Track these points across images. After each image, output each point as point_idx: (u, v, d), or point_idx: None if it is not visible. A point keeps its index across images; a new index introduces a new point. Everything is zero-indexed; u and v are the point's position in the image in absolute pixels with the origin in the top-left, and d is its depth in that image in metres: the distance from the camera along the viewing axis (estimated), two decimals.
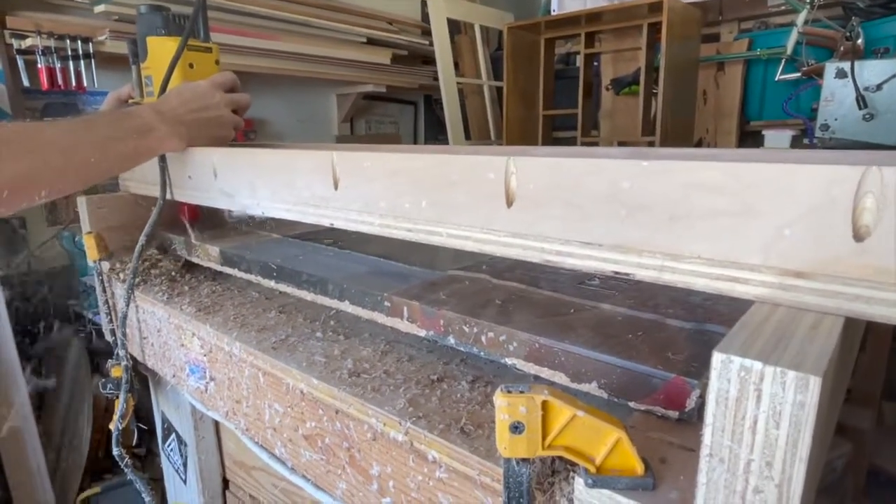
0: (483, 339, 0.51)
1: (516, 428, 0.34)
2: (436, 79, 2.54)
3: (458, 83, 2.57)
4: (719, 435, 0.28)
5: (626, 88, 2.40)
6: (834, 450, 1.23)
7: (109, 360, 0.88)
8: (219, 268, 0.81)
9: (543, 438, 0.34)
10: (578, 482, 0.35)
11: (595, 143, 2.47)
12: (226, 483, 0.95)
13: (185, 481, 0.97)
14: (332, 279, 0.65)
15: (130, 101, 0.88)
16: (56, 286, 1.72)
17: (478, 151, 0.51)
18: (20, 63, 1.58)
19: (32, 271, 1.71)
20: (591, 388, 0.44)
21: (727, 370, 0.27)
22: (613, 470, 0.34)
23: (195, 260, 0.86)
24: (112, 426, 0.89)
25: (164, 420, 1.02)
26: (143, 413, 1.22)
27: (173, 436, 0.98)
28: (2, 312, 1.39)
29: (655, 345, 0.45)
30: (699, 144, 2.43)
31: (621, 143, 2.43)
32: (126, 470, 0.90)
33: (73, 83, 1.63)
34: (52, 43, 1.56)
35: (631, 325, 0.49)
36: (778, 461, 0.27)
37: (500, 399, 0.34)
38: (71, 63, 1.61)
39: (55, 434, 1.61)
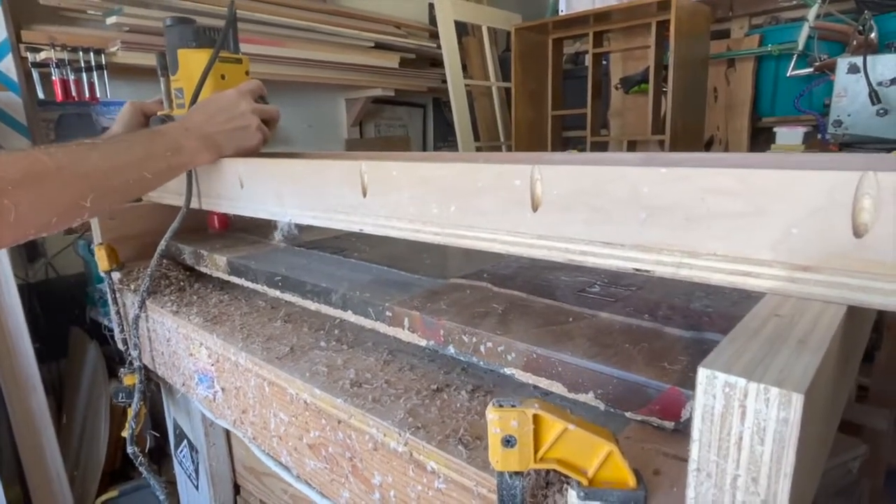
0: (482, 348, 0.51)
1: (508, 441, 0.34)
2: (444, 81, 2.55)
3: (466, 85, 2.57)
4: (706, 450, 0.28)
5: (636, 87, 2.39)
6: (849, 451, 1.21)
7: (122, 369, 0.90)
8: (226, 277, 0.83)
9: (535, 451, 0.34)
10: (571, 494, 0.35)
11: (605, 143, 2.46)
12: (237, 489, 0.96)
13: (197, 487, 0.99)
14: (336, 289, 0.66)
15: (160, 113, 0.88)
16: (72, 293, 1.75)
17: (490, 159, 0.52)
18: (35, 75, 1.61)
19: (49, 279, 1.75)
20: (588, 398, 0.45)
21: (712, 386, 0.27)
22: (606, 482, 0.34)
23: (203, 269, 0.88)
24: (125, 432, 0.91)
25: (176, 426, 1.04)
26: (157, 419, 1.24)
27: (185, 442, 1.00)
28: (20, 319, 1.43)
29: (652, 354, 0.45)
30: (710, 143, 2.41)
31: (631, 143, 2.41)
32: (141, 468, 0.92)
33: (87, 94, 1.66)
34: (65, 55, 1.59)
35: (629, 334, 0.49)
36: (763, 477, 0.27)
37: (491, 413, 0.34)
38: (84, 75, 1.64)
39: (73, 439, 1.64)
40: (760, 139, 2.30)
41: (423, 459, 0.45)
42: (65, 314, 1.75)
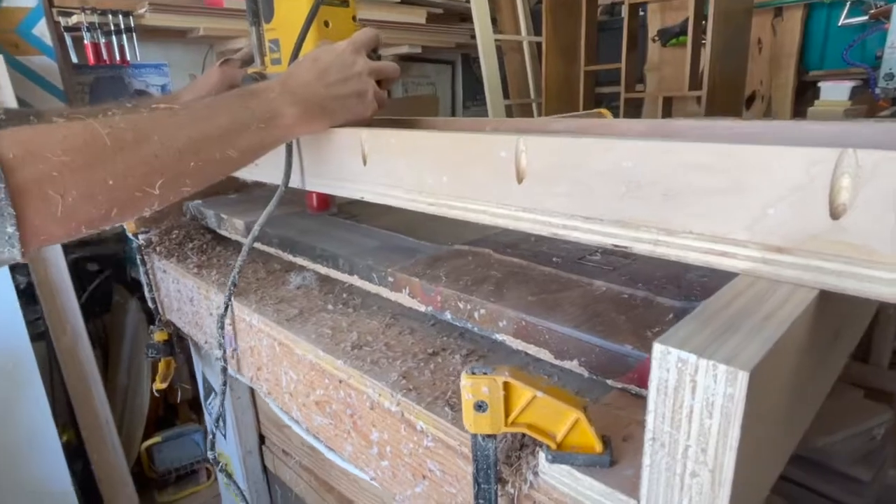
0: (476, 315, 0.52)
1: (480, 406, 0.36)
2: (473, 37, 2.48)
3: (496, 40, 2.50)
4: (660, 421, 0.29)
5: (674, 39, 2.28)
6: (875, 417, 1.19)
7: (151, 327, 0.95)
8: (243, 240, 0.85)
9: (507, 416, 0.36)
10: (541, 457, 0.37)
11: (640, 100, 2.37)
12: (262, 439, 1.02)
13: (224, 436, 1.06)
14: (343, 254, 0.68)
15: (250, 70, 0.76)
16: (114, 252, 1.84)
17: (499, 128, 0.51)
18: (68, 40, 1.65)
19: (92, 238, 1.84)
20: (573, 365, 0.46)
21: (666, 361, 0.28)
22: (573, 447, 0.36)
23: (223, 233, 0.91)
24: (153, 385, 0.97)
25: (205, 380, 1.10)
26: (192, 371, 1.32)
27: (213, 394, 1.06)
28: (65, 276, 1.51)
29: (639, 323, 0.45)
30: (752, 98, 2.29)
31: (667, 99, 2.32)
32: (220, 475, 0.86)
33: (118, 57, 1.70)
34: (95, 18, 1.62)
35: (620, 303, 0.49)
36: (711, 448, 0.28)
37: (464, 380, 0.36)
38: (114, 38, 1.67)
39: (119, 389, 1.76)
40: (807, 95, 2.18)
41: (413, 419, 0.47)
42: (107, 271, 1.84)
